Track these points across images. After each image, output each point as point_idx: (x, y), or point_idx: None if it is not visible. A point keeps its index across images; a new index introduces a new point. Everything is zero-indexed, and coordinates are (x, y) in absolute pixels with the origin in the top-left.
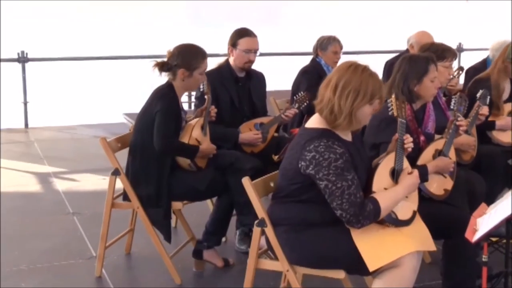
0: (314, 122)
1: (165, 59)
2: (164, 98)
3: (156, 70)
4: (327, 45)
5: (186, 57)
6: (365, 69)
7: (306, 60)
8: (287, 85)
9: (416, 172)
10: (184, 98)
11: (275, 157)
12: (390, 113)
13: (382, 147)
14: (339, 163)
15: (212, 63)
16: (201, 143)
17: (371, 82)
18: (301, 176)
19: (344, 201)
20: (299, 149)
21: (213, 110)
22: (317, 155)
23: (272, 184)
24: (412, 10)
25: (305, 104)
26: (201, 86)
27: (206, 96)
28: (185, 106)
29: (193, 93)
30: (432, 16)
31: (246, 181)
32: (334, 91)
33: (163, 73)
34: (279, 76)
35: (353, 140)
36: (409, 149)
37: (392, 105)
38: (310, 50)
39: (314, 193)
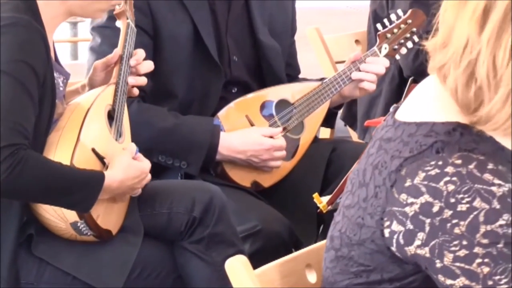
0: (428, 104)
1: None
2: (10, 34)
3: None
4: None
5: None
6: None
7: None
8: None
9: None
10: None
11: (323, 203)
12: None
13: None
14: (503, 226)
15: None
16: (107, 160)
17: None
18: (391, 263)
19: None
20: (383, 184)
21: (143, 65)
22: (436, 202)
23: (312, 278)
24: None
25: (409, 45)
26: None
27: (120, 22)
28: (65, 56)
29: (82, 20)
30: None
31: (239, 267)
32: (482, 22)
33: None
34: None
35: None
36: None
37: None
38: None
39: None
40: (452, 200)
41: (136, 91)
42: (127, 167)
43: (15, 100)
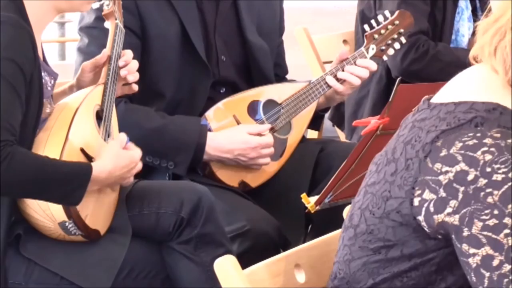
0: (468, 85)
1: None
2: None
3: None
4: None
5: None
6: None
7: None
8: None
9: None
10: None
11: (311, 203)
12: None
13: None
14: None
15: None
16: (95, 157)
17: None
18: (414, 237)
19: None
20: (416, 156)
21: (131, 65)
22: (471, 171)
23: (301, 277)
24: None
25: (396, 46)
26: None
27: (109, 23)
28: (52, 56)
29: (71, 17)
30: None
31: (228, 267)
32: None
33: None
34: None
35: None
36: None
37: None
38: None
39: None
40: (488, 170)
41: (135, 87)
42: (116, 157)
43: (2, 98)
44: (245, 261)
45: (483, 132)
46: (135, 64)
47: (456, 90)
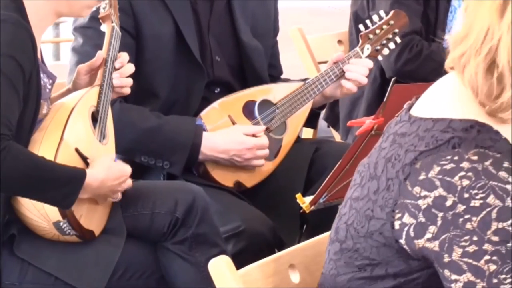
0: (446, 101)
1: None
2: None
3: None
4: None
5: None
6: None
7: None
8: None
9: None
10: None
11: (306, 203)
12: None
13: None
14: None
15: None
16: (90, 161)
17: None
18: (397, 257)
19: None
20: (396, 177)
21: (124, 68)
22: (450, 197)
23: (295, 278)
24: None
25: (391, 46)
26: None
27: (105, 26)
28: (47, 57)
29: (66, 17)
30: None
31: (222, 267)
32: (502, 10)
33: None
34: None
35: None
36: None
37: None
38: None
39: None
40: (466, 195)
41: (127, 90)
42: (108, 168)
43: (1, 93)
44: (240, 261)
45: (461, 155)
46: (129, 67)
47: (435, 103)
